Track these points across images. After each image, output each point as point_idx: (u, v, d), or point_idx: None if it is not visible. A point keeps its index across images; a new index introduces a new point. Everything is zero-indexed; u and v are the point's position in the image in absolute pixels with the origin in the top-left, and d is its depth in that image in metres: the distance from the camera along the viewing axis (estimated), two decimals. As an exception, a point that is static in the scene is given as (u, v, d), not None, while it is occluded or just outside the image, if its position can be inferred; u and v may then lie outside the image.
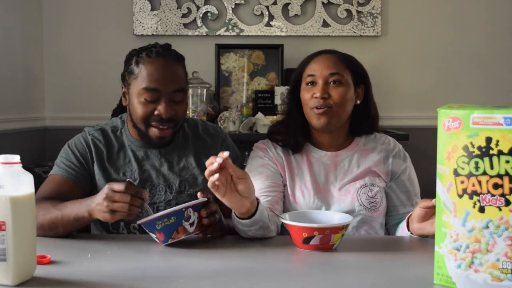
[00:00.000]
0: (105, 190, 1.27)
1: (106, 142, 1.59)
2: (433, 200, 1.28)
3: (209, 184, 1.24)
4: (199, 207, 1.33)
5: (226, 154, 1.21)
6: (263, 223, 1.36)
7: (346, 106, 1.59)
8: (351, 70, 1.61)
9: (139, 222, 1.33)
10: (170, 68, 1.51)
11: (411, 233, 1.44)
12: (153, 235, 1.33)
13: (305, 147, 1.65)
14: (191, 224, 1.31)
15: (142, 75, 1.49)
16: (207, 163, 1.23)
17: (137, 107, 1.50)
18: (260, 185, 1.55)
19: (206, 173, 1.23)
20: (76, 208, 1.35)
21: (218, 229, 1.41)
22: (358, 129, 1.67)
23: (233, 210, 1.34)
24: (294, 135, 1.63)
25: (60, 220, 1.36)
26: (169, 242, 1.31)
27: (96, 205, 1.29)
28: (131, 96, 1.53)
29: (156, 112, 1.49)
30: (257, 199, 1.35)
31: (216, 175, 1.21)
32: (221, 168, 1.22)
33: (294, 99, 1.66)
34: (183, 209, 1.30)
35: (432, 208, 1.33)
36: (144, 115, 1.50)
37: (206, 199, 1.35)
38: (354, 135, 1.68)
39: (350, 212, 1.52)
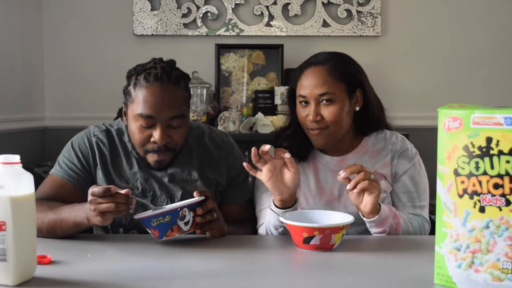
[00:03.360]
0: (88, 197, 1.29)
1: (110, 145, 1.56)
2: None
3: (253, 159, 1.37)
4: (195, 207, 1.35)
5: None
6: None
7: (342, 123, 1.54)
8: (343, 81, 1.54)
9: (136, 217, 1.36)
10: (167, 93, 1.44)
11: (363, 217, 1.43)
12: (149, 231, 1.35)
13: (311, 153, 1.62)
14: (186, 223, 1.33)
15: (138, 100, 1.44)
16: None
17: (134, 132, 1.47)
18: (269, 201, 1.53)
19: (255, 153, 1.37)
20: (73, 213, 1.35)
21: (216, 227, 1.41)
22: (365, 129, 1.63)
23: (272, 200, 1.45)
24: (298, 143, 1.60)
25: (59, 224, 1.36)
26: (164, 239, 1.33)
27: (88, 211, 1.30)
28: (129, 119, 1.50)
29: (152, 139, 1.46)
30: (296, 199, 1.45)
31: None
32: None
33: (293, 110, 1.62)
34: (178, 209, 1.32)
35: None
36: (141, 142, 1.47)
37: (202, 198, 1.36)
38: (363, 135, 1.64)
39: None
